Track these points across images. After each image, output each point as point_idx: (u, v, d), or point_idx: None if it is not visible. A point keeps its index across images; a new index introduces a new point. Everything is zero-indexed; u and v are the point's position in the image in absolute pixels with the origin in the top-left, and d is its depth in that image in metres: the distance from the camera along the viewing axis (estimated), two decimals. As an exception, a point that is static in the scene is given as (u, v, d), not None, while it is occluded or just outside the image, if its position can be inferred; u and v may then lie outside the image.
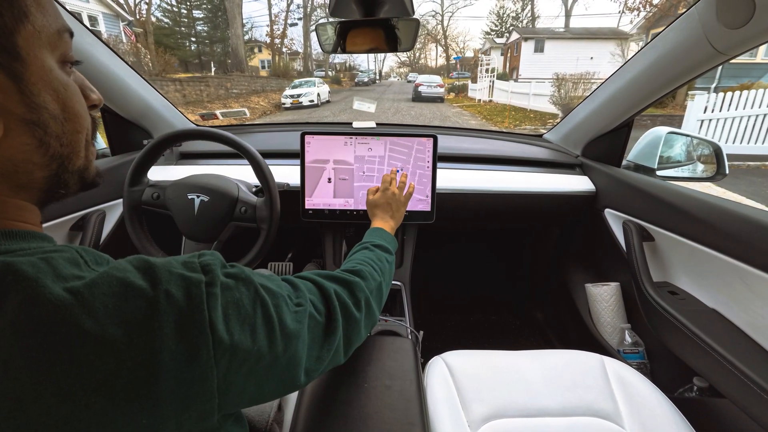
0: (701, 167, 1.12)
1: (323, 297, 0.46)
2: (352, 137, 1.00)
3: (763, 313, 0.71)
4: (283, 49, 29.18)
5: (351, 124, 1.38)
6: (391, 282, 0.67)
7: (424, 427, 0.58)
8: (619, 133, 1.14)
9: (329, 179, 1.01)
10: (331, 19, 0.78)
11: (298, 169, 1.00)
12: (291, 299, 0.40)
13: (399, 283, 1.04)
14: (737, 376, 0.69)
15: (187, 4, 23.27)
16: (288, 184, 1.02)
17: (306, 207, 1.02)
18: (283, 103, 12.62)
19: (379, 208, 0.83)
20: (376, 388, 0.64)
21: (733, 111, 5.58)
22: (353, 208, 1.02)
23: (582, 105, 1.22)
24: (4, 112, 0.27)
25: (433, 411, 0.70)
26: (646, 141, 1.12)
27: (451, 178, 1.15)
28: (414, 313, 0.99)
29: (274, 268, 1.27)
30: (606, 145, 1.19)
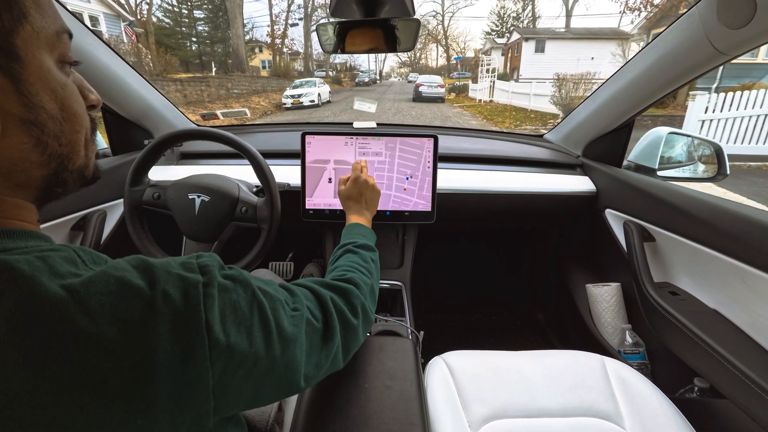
0: (702, 167, 1.12)
1: (320, 304, 0.46)
2: (353, 137, 1.00)
3: (764, 314, 0.71)
4: (284, 50, 29.26)
5: (352, 124, 1.38)
6: (380, 277, 0.67)
7: (424, 428, 0.58)
8: (620, 133, 1.14)
9: (330, 179, 1.01)
10: (331, 19, 0.78)
11: (299, 169, 1.00)
12: (288, 304, 0.40)
13: (399, 283, 1.04)
14: (738, 376, 0.69)
15: (188, 4, 23.30)
16: (288, 184, 1.02)
17: (306, 207, 1.02)
18: (284, 103, 12.64)
19: (352, 199, 0.81)
20: (376, 388, 0.64)
21: (734, 111, 5.58)
22: None
23: (583, 105, 1.22)
24: (2, 112, 0.27)
25: (433, 411, 0.70)
26: (647, 141, 1.12)
27: (451, 179, 1.15)
28: (414, 313, 0.99)
29: (275, 267, 1.27)
30: (607, 145, 1.19)
